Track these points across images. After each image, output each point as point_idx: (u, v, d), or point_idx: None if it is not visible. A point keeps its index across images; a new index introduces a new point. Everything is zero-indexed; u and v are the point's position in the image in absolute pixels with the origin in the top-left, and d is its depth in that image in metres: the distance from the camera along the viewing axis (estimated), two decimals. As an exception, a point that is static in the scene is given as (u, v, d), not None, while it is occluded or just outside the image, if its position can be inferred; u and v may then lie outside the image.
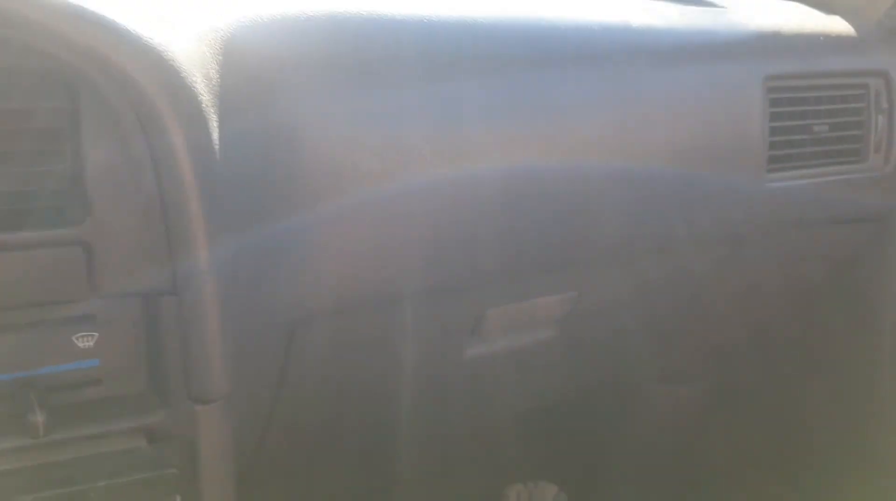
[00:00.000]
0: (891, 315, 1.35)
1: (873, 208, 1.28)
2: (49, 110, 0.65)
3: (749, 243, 1.22)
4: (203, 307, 0.73)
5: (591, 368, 1.36)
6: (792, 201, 1.18)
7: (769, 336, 1.47)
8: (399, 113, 0.87)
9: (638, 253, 1.13)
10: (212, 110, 0.71)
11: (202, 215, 0.70)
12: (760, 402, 1.56)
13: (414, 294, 0.97)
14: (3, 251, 0.67)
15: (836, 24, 1.23)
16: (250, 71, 0.79)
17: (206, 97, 0.70)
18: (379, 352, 1.04)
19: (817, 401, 1.48)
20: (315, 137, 0.82)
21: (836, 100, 1.19)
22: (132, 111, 0.66)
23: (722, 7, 1.20)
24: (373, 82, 0.86)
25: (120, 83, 0.66)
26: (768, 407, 1.55)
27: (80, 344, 0.71)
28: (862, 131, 1.22)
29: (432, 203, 0.91)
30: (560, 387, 1.40)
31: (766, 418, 1.56)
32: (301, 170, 0.82)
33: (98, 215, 0.68)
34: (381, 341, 1.03)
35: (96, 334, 0.71)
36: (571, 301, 1.15)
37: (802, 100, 1.16)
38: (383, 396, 1.13)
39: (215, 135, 0.71)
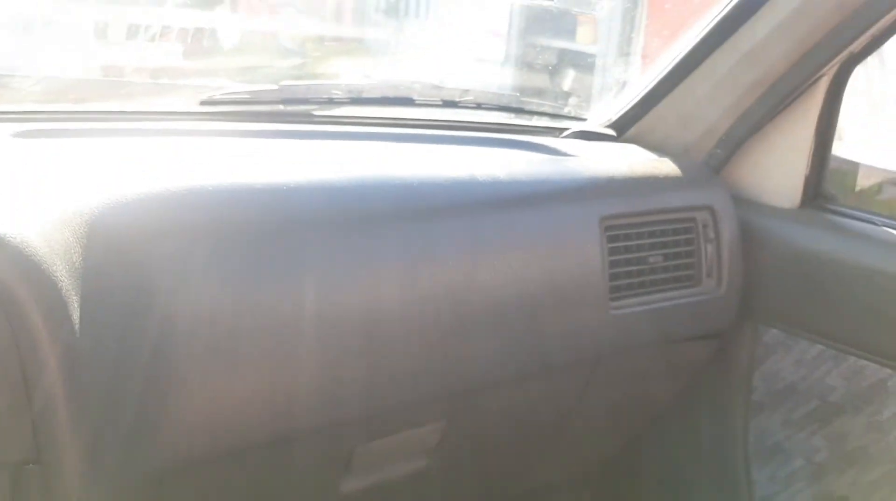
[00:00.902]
0: (737, 419, 1.47)
1: (711, 326, 1.42)
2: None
3: (602, 365, 1.33)
4: (64, 475, 0.77)
5: (465, 491, 1.42)
6: (636, 325, 1.30)
7: (636, 447, 1.57)
8: (258, 272, 0.95)
9: (501, 382, 1.22)
10: (73, 293, 0.77)
11: (64, 392, 0.76)
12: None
13: (284, 437, 1.02)
14: None
15: (666, 166, 1.39)
16: (116, 247, 0.85)
17: (66, 281, 0.77)
18: (253, 496, 1.08)
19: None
20: (181, 300, 0.89)
21: (668, 232, 1.33)
22: None
23: (566, 155, 1.34)
24: (231, 247, 0.94)
25: None
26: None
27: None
28: (694, 259, 1.36)
29: (300, 349, 0.98)
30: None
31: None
32: (170, 330, 0.88)
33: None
34: (254, 484, 1.07)
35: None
36: (441, 430, 1.23)
37: (637, 235, 1.29)
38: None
39: (76, 315, 0.77)
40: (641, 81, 1.49)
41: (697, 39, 1.40)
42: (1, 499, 0.78)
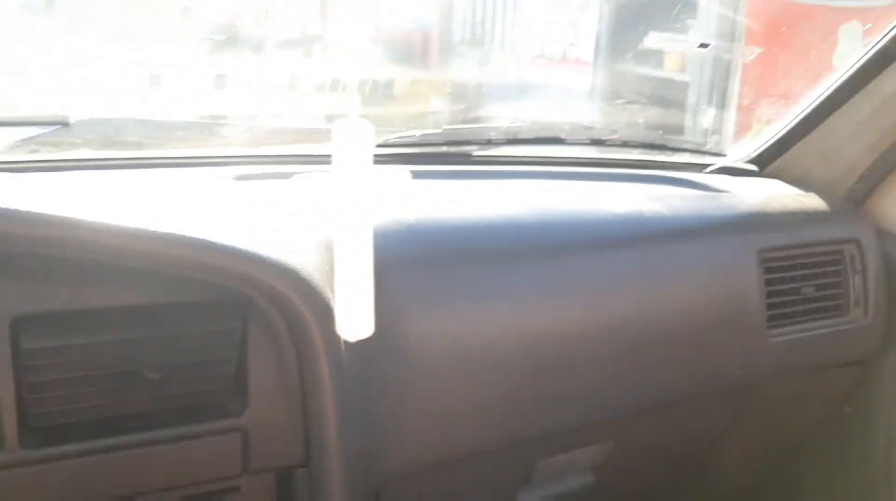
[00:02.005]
0: (880, 446, 1.52)
1: (858, 353, 1.47)
2: (227, 330, 0.82)
3: (756, 391, 1.40)
4: (329, 478, 0.88)
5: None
6: (791, 352, 1.36)
7: (779, 474, 1.62)
8: (477, 296, 1.05)
9: (665, 405, 1.30)
10: (334, 310, 0.88)
11: (334, 402, 0.87)
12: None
13: (480, 450, 1.12)
14: (174, 442, 0.82)
15: (812, 200, 1.46)
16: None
17: (330, 300, 0.88)
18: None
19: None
20: (412, 319, 0.99)
21: (818, 264, 1.40)
22: (284, 321, 0.84)
23: (717, 190, 1.42)
24: (455, 274, 1.04)
25: (272, 300, 0.84)
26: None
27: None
28: (842, 289, 1.42)
29: (507, 369, 1.08)
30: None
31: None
32: (404, 346, 0.98)
33: (254, 407, 0.85)
34: (449, 495, 1.17)
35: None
36: (608, 449, 1.31)
37: (791, 266, 1.37)
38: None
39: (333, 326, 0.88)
40: (783, 119, 1.56)
41: (840, 82, 1.47)
42: (269, 498, 0.89)
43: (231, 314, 0.82)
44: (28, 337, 0.74)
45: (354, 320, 0.65)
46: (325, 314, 0.85)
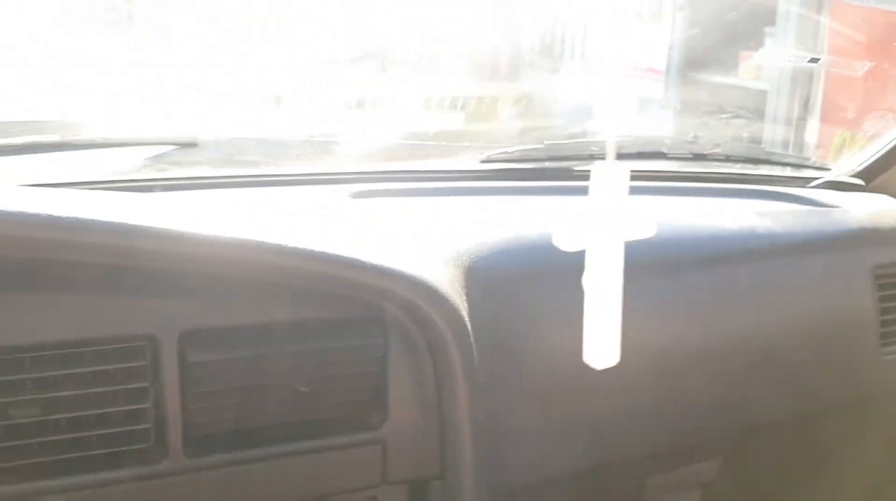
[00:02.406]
0: None
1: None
2: (371, 345, 0.85)
3: (868, 410, 1.37)
4: (463, 490, 0.90)
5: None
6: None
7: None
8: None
9: (775, 422, 1.28)
10: (466, 323, 0.90)
11: (468, 415, 0.89)
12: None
13: (595, 467, 1.13)
14: (318, 453, 0.85)
15: (923, 215, 1.43)
16: (485, 283, 0.98)
17: (462, 313, 0.90)
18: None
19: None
20: (537, 333, 1.01)
21: (932, 280, 1.37)
22: (422, 337, 0.86)
23: (827, 205, 1.40)
24: (576, 289, 1.05)
25: (411, 316, 0.86)
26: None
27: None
28: (955, 306, 1.39)
29: (627, 385, 1.08)
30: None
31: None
32: (528, 360, 0.99)
33: (392, 420, 0.87)
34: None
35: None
36: (717, 467, 1.30)
37: (905, 283, 1.34)
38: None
39: (474, 348, 0.90)
40: (890, 132, 1.53)
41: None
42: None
43: (375, 329, 0.85)
44: (194, 351, 0.78)
45: (604, 348, 0.68)
46: (461, 330, 0.87)
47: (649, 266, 1.14)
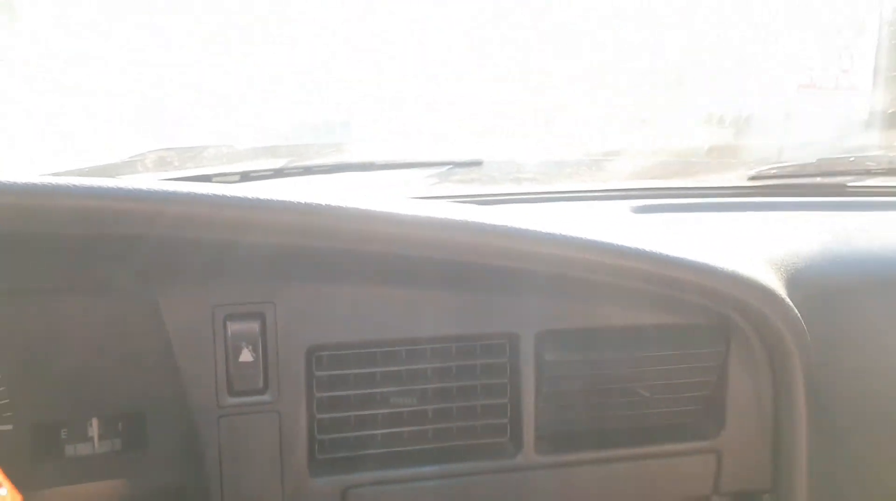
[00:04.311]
0: None
1: None
2: (712, 353, 0.86)
3: None
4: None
5: None
6: None
7: None
8: None
9: None
10: (808, 338, 0.88)
11: (806, 428, 0.87)
12: None
13: None
14: (656, 459, 0.86)
15: None
16: (809, 291, 0.95)
17: (805, 328, 0.87)
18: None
19: None
20: (872, 344, 0.97)
21: None
22: (763, 347, 0.86)
23: None
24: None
25: (756, 325, 0.85)
26: None
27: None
28: None
29: None
30: None
31: None
32: (863, 372, 0.95)
33: (728, 430, 0.87)
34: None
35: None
36: None
37: None
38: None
39: (810, 354, 0.88)
40: None
41: None
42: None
43: (717, 337, 0.85)
44: (549, 350, 0.81)
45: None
46: (803, 341, 0.86)
47: None
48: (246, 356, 0.72)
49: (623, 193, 1.32)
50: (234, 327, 0.72)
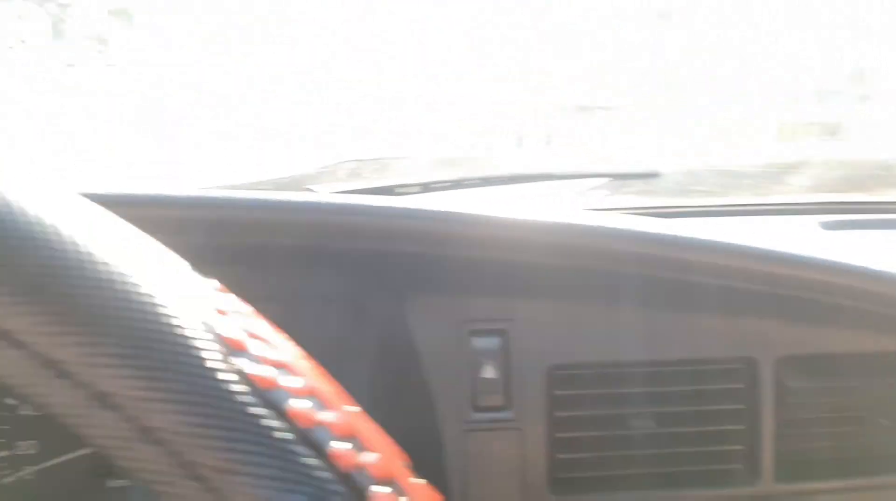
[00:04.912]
0: None
1: None
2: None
3: None
4: None
5: None
6: None
7: None
8: None
9: None
10: None
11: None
12: None
13: None
14: (872, 491, 0.81)
15: None
16: None
17: None
18: None
19: None
20: None
21: None
22: None
23: None
24: None
25: None
26: None
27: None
28: None
29: None
30: None
31: None
32: None
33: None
34: None
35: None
36: None
37: None
38: None
39: None
40: None
41: None
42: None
43: None
44: (792, 377, 0.78)
45: None
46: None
47: None
48: (489, 372, 0.72)
49: (808, 207, 1.26)
50: (478, 343, 0.72)
